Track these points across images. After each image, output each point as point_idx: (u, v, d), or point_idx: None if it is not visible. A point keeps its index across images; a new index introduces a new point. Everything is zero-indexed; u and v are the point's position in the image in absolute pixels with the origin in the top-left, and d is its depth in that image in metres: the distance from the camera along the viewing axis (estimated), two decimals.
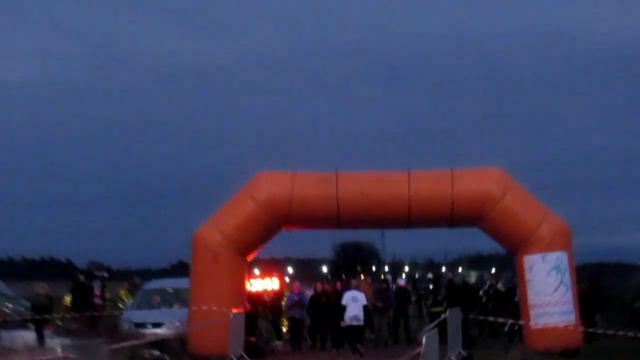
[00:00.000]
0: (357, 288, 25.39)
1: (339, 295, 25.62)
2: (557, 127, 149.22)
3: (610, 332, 21.11)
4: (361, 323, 24.39)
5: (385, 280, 31.94)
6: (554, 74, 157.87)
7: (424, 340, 16.11)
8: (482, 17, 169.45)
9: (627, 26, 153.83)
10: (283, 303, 26.34)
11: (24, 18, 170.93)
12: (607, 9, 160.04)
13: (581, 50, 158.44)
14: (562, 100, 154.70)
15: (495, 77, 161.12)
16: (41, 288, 24.73)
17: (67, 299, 23.94)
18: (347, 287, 26.40)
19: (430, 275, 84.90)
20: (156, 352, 19.70)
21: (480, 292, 28.78)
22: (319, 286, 26.27)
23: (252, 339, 21.96)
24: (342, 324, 24.73)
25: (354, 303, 24.33)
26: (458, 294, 24.64)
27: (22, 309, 25.59)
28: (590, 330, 21.59)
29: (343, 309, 24.35)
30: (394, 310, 27.18)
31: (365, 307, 24.37)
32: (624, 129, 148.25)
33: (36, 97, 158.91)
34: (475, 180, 21.64)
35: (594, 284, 25.12)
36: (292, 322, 25.01)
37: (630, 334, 20.93)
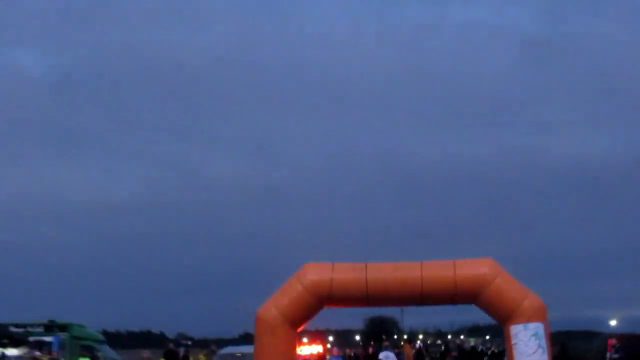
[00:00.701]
0: (388, 349, 25.71)
1: (372, 356, 25.96)
2: (535, 226, 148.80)
3: None
4: None
5: (397, 346, 32.20)
6: (531, 186, 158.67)
7: None
8: (473, 143, 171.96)
9: (580, 152, 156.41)
10: None
11: (123, 151, 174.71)
12: (563, 140, 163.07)
13: (547, 169, 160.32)
14: (538, 205, 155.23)
15: (486, 189, 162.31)
16: (145, 354, 25.25)
17: None
18: (380, 348, 26.77)
19: (439, 342, 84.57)
20: None
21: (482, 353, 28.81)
22: (348, 350, 26.48)
23: None
24: None
25: (386, 359, 24.70)
26: (467, 355, 24.78)
27: None
28: None
29: None
30: None
31: None
32: (587, 229, 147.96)
33: (133, 213, 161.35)
34: (473, 268, 21.79)
35: (564, 347, 25.20)
36: None
37: None
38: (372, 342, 43.99)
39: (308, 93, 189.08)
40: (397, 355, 27.38)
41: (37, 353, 23.00)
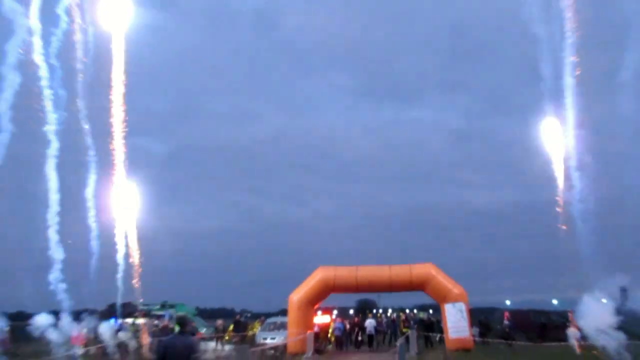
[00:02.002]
0: (371, 318, 26.05)
1: (359, 324, 26.08)
2: (460, 243, 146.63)
3: (489, 340, 21.37)
4: (373, 333, 24.69)
5: (380, 316, 32.06)
6: (459, 220, 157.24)
7: (398, 345, 16.52)
8: (423, 194, 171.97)
9: (488, 200, 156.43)
10: (331, 329, 26.33)
11: (206, 198, 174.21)
12: (478, 193, 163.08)
13: (469, 210, 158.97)
14: (463, 232, 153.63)
15: (431, 221, 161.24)
16: (220, 321, 25.23)
17: (231, 327, 24.31)
18: (364, 319, 26.91)
19: (401, 314, 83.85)
20: (272, 352, 20.02)
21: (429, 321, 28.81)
22: (342, 319, 26.38)
23: (317, 345, 22.02)
24: (360, 337, 25.18)
25: (370, 325, 24.83)
26: (424, 324, 24.85)
27: (210, 332, 26.12)
28: (479, 340, 21.76)
29: (365, 328, 24.99)
30: (390, 330, 27.69)
31: (375, 327, 24.99)
32: (492, 246, 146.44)
33: (213, 235, 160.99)
34: (422, 269, 21.64)
35: (486, 319, 25.56)
36: (336, 338, 24.99)
37: (499, 341, 21.11)
38: (359, 315, 43.70)
39: (319, 162, 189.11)
40: (378, 323, 27.40)
41: (156, 322, 23.21)
